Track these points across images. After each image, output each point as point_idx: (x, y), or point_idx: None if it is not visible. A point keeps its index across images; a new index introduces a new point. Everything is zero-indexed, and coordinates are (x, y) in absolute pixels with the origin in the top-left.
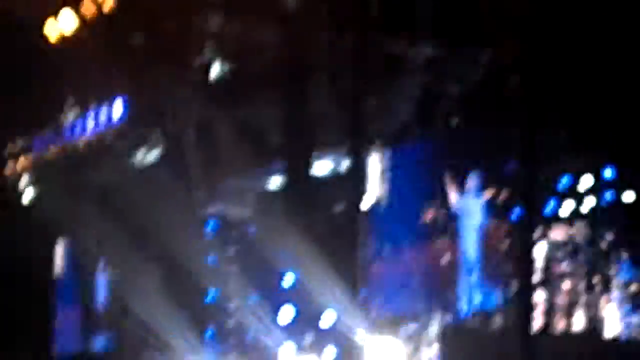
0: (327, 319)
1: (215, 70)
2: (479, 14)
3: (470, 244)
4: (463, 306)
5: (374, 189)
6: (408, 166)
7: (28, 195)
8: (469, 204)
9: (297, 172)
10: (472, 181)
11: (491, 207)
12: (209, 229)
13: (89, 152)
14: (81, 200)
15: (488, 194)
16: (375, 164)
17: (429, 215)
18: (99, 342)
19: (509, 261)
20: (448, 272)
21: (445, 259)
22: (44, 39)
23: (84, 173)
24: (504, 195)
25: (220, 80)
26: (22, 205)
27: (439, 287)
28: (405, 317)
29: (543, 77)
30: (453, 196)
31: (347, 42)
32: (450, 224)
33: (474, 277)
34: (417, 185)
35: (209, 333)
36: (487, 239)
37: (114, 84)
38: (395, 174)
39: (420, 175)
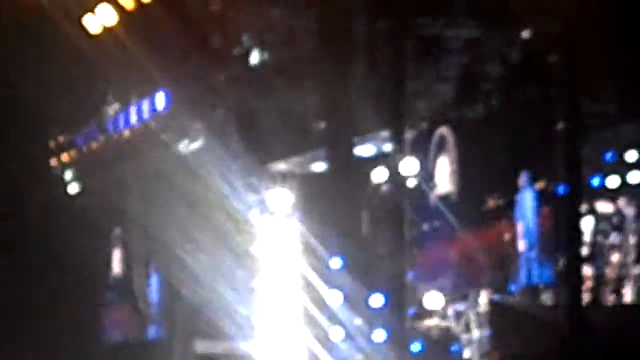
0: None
1: (255, 58)
2: None
3: (527, 227)
4: (520, 281)
5: (445, 183)
6: (472, 164)
7: (73, 189)
8: (524, 195)
9: (340, 157)
10: (523, 177)
11: (543, 196)
12: (255, 215)
13: (133, 144)
14: (127, 193)
15: (539, 186)
16: (444, 163)
17: (490, 202)
18: (151, 332)
19: (558, 238)
20: (504, 252)
21: (504, 240)
22: (84, 33)
23: (128, 165)
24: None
25: (260, 68)
26: (69, 198)
27: (491, 267)
28: (455, 296)
29: (583, 54)
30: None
31: (384, 26)
32: (508, 210)
33: (533, 254)
34: (480, 178)
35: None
36: (540, 222)
37: (155, 76)
38: (463, 170)
39: (483, 170)
